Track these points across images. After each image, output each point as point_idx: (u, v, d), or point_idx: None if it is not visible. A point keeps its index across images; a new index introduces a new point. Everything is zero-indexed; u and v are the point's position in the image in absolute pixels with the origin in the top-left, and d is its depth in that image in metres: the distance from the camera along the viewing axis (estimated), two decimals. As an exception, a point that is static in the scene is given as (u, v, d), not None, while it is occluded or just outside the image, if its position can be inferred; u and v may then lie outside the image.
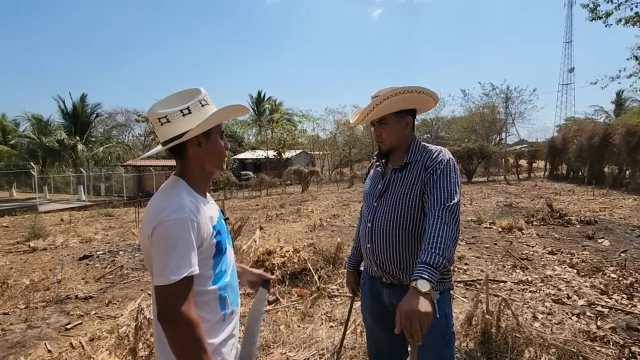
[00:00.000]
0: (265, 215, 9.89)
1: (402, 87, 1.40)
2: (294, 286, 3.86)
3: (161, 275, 0.96)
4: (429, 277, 1.13)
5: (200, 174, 1.14)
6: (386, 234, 1.46)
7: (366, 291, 1.63)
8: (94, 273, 5.02)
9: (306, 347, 2.66)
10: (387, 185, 1.50)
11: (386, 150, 1.53)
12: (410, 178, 1.44)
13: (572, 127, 19.39)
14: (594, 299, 3.40)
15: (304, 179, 19.89)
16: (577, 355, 2.36)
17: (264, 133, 35.00)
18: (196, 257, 1.00)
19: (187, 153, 1.10)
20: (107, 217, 11.87)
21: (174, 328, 0.95)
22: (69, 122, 22.98)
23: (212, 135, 1.12)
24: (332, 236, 6.20)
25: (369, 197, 1.59)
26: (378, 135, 1.53)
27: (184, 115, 1.07)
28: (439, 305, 1.34)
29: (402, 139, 1.50)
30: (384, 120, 1.49)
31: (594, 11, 7.76)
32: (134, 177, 24.60)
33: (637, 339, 2.65)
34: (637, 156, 12.80)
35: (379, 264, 1.49)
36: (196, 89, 1.12)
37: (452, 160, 1.41)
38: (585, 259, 4.59)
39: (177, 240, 0.96)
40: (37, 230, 7.79)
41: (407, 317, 1.08)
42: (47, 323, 3.42)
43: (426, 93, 1.44)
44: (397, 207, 1.44)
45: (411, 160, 1.46)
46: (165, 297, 0.96)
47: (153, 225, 0.98)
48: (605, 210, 8.35)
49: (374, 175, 1.65)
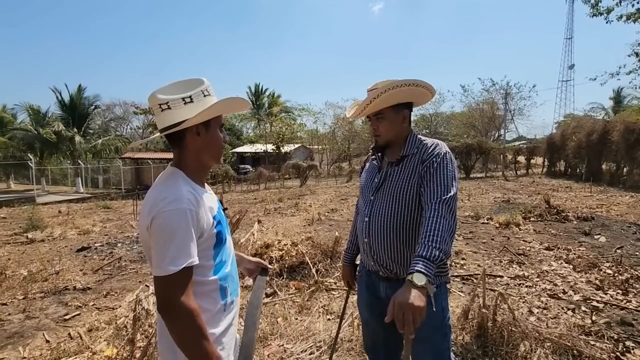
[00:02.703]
0: (263, 208, 9.90)
1: (399, 80, 1.38)
2: (292, 279, 3.88)
3: (159, 266, 0.95)
4: (425, 270, 1.13)
5: (197, 164, 1.13)
6: (383, 227, 1.45)
7: (363, 285, 1.63)
8: (92, 265, 5.02)
9: (303, 339, 2.68)
10: (383, 179, 1.49)
11: (383, 144, 1.51)
12: (407, 171, 1.43)
13: (570, 124, 19.37)
14: (589, 294, 3.43)
15: (302, 173, 19.89)
16: (572, 349, 2.38)
17: (262, 127, 34.87)
18: (195, 247, 1.00)
19: (185, 142, 1.09)
20: (105, 209, 11.85)
21: (175, 319, 0.95)
22: (66, 113, 22.84)
23: (211, 126, 1.11)
24: (330, 230, 6.22)
25: (366, 191, 1.58)
26: (375, 129, 1.51)
27: (185, 103, 1.06)
28: (436, 299, 1.32)
29: (399, 133, 1.48)
30: (380, 114, 1.47)
31: (595, 7, 7.73)
32: (132, 169, 24.54)
33: (631, 334, 2.68)
34: (634, 153, 12.82)
35: (376, 258, 1.49)
36: (199, 79, 1.11)
37: (448, 153, 1.40)
38: (581, 255, 4.62)
39: (176, 231, 0.96)
40: (35, 221, 7.78)
41: (400, 309, 1.08)
42: (45, 314, 3.43)
43: (423, 86, 1.42)
44: (394, 201, 1.43)
45: (408, 154, 1.45)
46: (164, 288, 0.96)
47: (151, 217, 0.97)
48: (602, 207, 8.38)
49: (370, 169, 1.64)
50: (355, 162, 28.52)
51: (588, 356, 2.33)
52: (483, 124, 32.69)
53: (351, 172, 21.83)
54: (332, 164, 30.35)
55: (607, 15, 7.64)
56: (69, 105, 22.89)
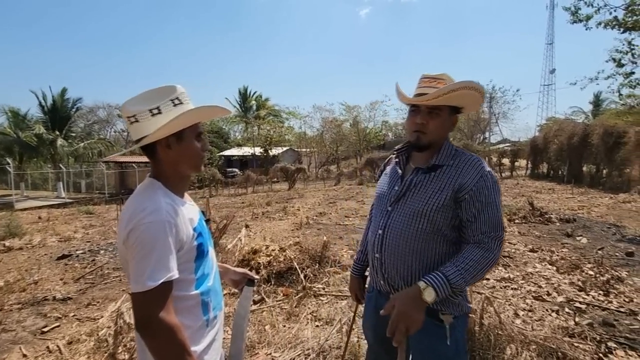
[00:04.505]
0: (251, 213, 9.81)
1: (474, 82, 1.20)
2: (280, 285, 3.84)
3: (137, 281, 0.91)
4: (439, 291, 1.07)
5: (174, 175, 1.09)
6: (400, 245, 1.27)
7: (371, 308, 1.47)
8: (73, 273, 4.87)
9: (291, 347, 2.64)
10: (406, 188, 1.29)
11: (426, 144, 1.28)
12: (438, 184, 1.23)
13: (552, 127, 19.92)
14: (572, 295, 3.50)
15: (290, 177, 19.82)
16: (556, 351, 2.42)
17: (250, 129, 34.69)
18: (175, 261, 0.96)
19: (157, 155, 1.05)
20: (88, 214, 11.54)
21: (154, 337, 0.91)
22: (47, 116, 22.23)
23: (185, 136, 1.05)
24: (319, 234, 6.20)
25: (383, 199, 1.38)
26: (423, 125, 1.26)
27: (153, 115, 1.01)
28: (451, 331, 1.23)
29: (443, 137, 1.30)
30: (438, 110, 1.25)
31: (575, 14, 7.96)
32: (116, 173, 24.01)
33: (613, 335, 2.74)
34: (613, 156, 13.24)
35: (386, 278, 1.32)
36: (171, 86, 1.06)
37: (491, 172, 1.23)
38: (564, 257, 4.72)
39: (154, 244, 0.92)
40: (13, 228, 7.50)
41: (398, 316, 1.05)
42: (23, 326, 3.30)
43: (483, 99, 1.29)
44: (416, 215, 1.24)
45: (441, 164, 1.26)
46: (142, 305, 0.91)
47: (128, 229, 0.94)
48: (583, 209, 8.61)
49: (391, 173, 1.43)
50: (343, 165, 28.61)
51: (572, 358, 2.37)
52: (469, 127, 33.31)
53: (339, 174, 21.89)
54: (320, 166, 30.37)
55: (586, 22, 7.89)
56: (51, 108, 22.28)
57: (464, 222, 1.20)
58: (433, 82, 1.26)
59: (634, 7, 7.15)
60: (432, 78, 1.27)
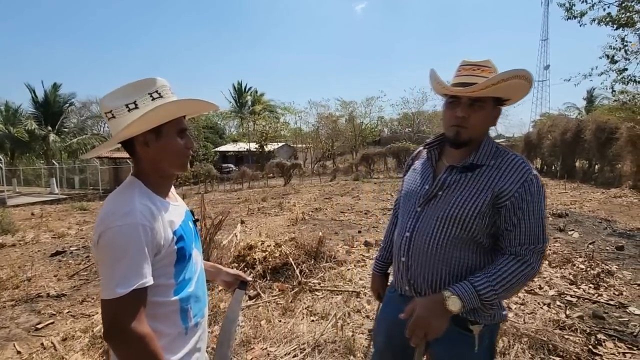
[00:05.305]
0: (246, 208, 9.79)
1: (525, 70, 1.06)
2: (275, 281, 3.85)
3: (106, 287, 0.85)
4: (465, 301, 1.01)
5: (155, 174, 1.02)
6: (429, 250, 1.16)
7: (389, 311, 1.34)
8: (67, 270, 4.85)
9: (287, 341, 2.66)
10: (439, 187, 1.17)
11: (466, 140, 1.14)
12: (477, 186, 1.11)
13: (546, 122, 20.05)
14: (563, 289, 3.55)
15: (286, 172, 19.78)
16: (547, 343, 2.46)
17: (245, 125, 34.50)
18: (149, 266, 0.90)
19: (136, 153, 0.99)
20: (82, 211, 11.46)
21: (123, 347, 0.85)
22: (40, 111, 21.93)
23: (164, 133, 0.98)
24: (314, 230, 6.21)
25: (411, 198, 1.26)
26: (464, 119, 1.12)
27: (129, 110, 0.96)
28: (481, 339, 1.15)
29: (484, 132, 1.17)
30: (481, 102, 1.11)
31: (570, 10, 7.98)
32: (110, 169, 23.80)
33: (602, 327, 2.79)
34: (605, 151, 13.37)
35: (412, 284, 1.22)
36: (151, 79, 0.99)
37: (537, 176, 1.10)
38: (556, 251, 4.78)
39: (125, 248, 0.86)
40: (5, 225, 7.43)
41: (417, 320, 1.03)
42: (16, 323, 3.28)
43: (530, 89, 1.14)
44: (448, 221, 1.12)
45: (480, 163, 1.13)
46: (111, 313, 0.85)
47: (99, 232, 0.88)
48: (575, 203, 8.71)
49: (421, 169, 1.30)
50: (339, 161, 28.61)
51: (562, 350, 2.41)
52: (464, 123, 33.38)
53: (335, 170, 21.89)
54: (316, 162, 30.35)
55: (580, 19, 7.92)
56: (43, 103, 21.97)
57: (501, 231, 1.10)
58: (477, 70, 1.12)
59: (627, 4, 7.19)
60: (476, 65, 1.13)
